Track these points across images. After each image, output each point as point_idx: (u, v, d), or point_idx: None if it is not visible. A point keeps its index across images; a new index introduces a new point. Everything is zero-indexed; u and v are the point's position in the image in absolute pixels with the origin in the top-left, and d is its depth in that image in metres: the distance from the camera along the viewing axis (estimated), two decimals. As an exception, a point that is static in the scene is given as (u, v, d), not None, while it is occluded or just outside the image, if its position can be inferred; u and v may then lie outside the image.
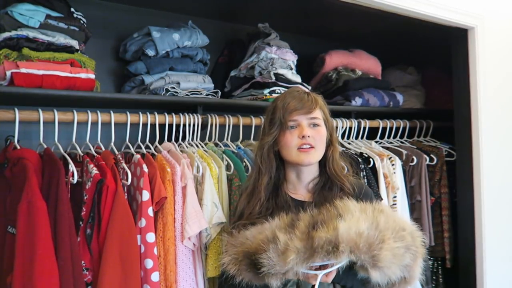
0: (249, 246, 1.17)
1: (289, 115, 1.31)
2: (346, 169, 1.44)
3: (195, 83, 1.84)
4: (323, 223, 1.12)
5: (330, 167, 1.37)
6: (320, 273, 1.12)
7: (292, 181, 1.39)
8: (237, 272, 1.17)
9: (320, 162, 1.38)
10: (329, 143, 1.38)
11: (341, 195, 1.30)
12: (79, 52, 1.59)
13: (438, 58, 2.50)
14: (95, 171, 1.37)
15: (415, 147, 2.34)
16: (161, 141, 1.75)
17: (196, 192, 1.56)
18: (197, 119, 1.75)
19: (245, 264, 1.16)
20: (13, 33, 1.43)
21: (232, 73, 2.11)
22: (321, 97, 1.41)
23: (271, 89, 1.95)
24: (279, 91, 1.94)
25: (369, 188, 1.46)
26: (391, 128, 2.36)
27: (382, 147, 2.24)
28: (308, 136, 1.30)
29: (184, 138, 1.77)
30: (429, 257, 2.27)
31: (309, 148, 1.31)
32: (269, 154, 1.36)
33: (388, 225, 1.14)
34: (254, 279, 1.16)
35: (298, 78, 2.08)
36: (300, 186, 1.38)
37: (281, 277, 1.12)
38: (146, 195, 1.43)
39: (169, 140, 1.74)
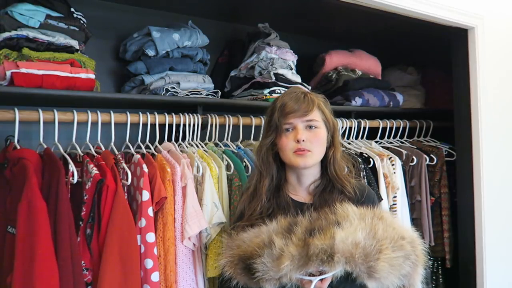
0: (245, 249, 1.16)
1: (284, 118, 1.30)
2: (346, 169, 1.41)
3: (195, 83, 1.84)
4: (320, 230, 1.11)
5: (331, 169, 1.35)
6: (315, 279, 1.11)
7: (292, 183, 1.38)
8: (233, 275, 1.17)
9: (322, 163, 1.37)
10: (330, 144, 1.36)
11: (341, 199, 1.28)
12: (79, 52, 1.59)
13: (438, 58, 2.50)
14: (95, 171, 1.37)
15: (415, 147, 2.33)
16: (161, 141, 1.75)
17: (196, 192, 1.56)
18: (197, 119, 1.75)
19: (240, 268, 1.15)
20: (13, 33, 1.43)
21: (232, 73, 2.11)
22: (322, 97, 1.38)
23: (271, 89, 1.95)
24: (279, 91, 1.94)
25: (372, 191, 1.42)
26: (391, 128, 2.35)
27: (382, 147, 2.24)
28: (303, 140, 1.28)
29: (184, 138, 1.77)
30: (429, 257, 2.26)
31: (305, 151, 1.29)
32: (268, 156, 1.35)
33: (386, 234, 1.12)
34: (249, 283, 1.16)
35: (298, 78, 2.08)
36: (301, 188, 1.37)
37: (275, 282, 1.11)
38: (146, 195, 1.42)
39: (169, 140, 1.74)
